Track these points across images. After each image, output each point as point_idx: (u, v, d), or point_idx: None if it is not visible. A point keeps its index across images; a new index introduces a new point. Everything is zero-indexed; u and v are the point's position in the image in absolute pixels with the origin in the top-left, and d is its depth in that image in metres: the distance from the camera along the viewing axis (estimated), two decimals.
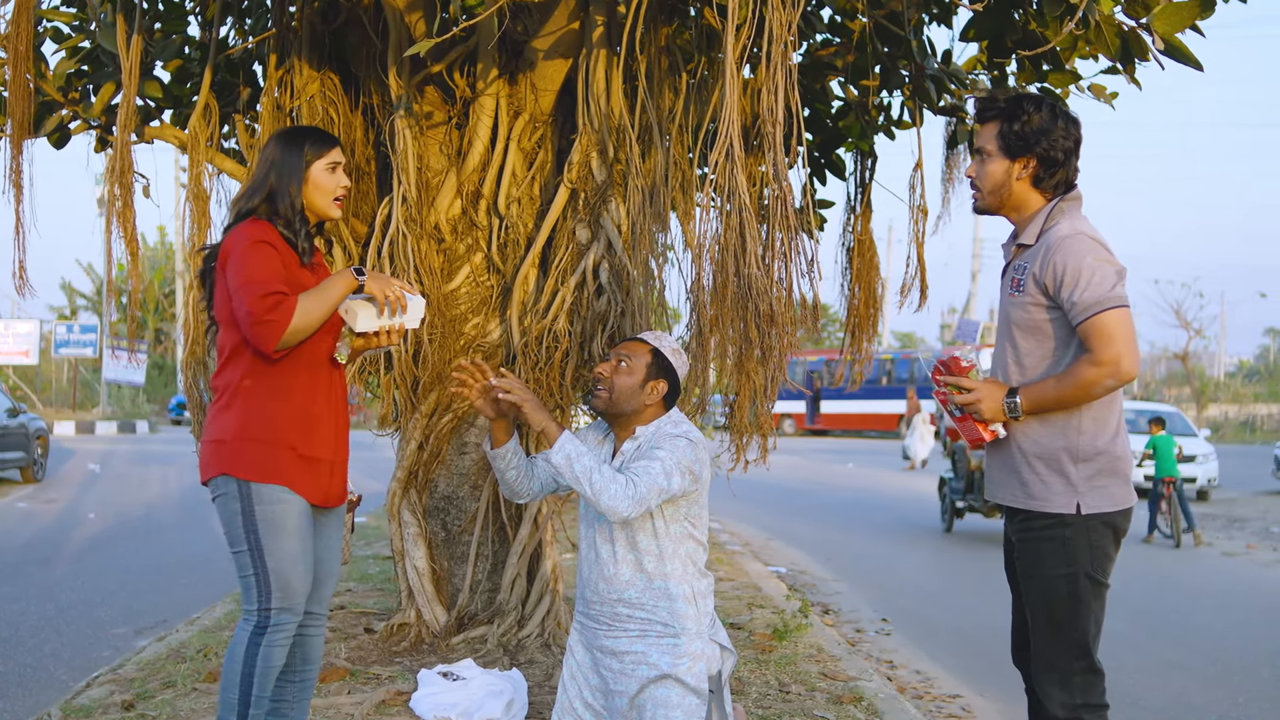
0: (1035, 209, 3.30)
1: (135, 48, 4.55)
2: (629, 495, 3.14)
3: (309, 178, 3.45)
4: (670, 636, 3.35)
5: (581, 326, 5.18)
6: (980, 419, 3.26)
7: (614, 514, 3.16)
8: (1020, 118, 3.24)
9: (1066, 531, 3.16)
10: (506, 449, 3.48)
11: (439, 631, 5.34)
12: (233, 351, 3.38)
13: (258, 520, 3.31)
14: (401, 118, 5.18)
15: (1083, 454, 3.16)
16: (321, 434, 3.44)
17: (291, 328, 3.23)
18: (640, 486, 3.16)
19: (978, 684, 6.14)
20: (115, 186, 4.49)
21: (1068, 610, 3.16)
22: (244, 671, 3.29)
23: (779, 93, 3.74)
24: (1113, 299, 3.07)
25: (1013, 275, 3.30)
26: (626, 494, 3.14)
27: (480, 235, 5.46)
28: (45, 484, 17.07)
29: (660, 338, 3.53)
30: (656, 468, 3.21)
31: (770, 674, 5.34)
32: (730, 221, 3.81)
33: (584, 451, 3.19)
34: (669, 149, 5.35)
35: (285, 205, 3.41)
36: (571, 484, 3.21)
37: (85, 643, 6.67)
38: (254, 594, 3.35)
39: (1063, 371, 3.15)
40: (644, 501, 3.17)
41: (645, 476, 3.18)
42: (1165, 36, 4.27)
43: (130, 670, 5.28)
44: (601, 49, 5.11)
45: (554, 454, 3.19)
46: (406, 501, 5.49)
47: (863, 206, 6.85)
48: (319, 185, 3.47)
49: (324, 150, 3.48)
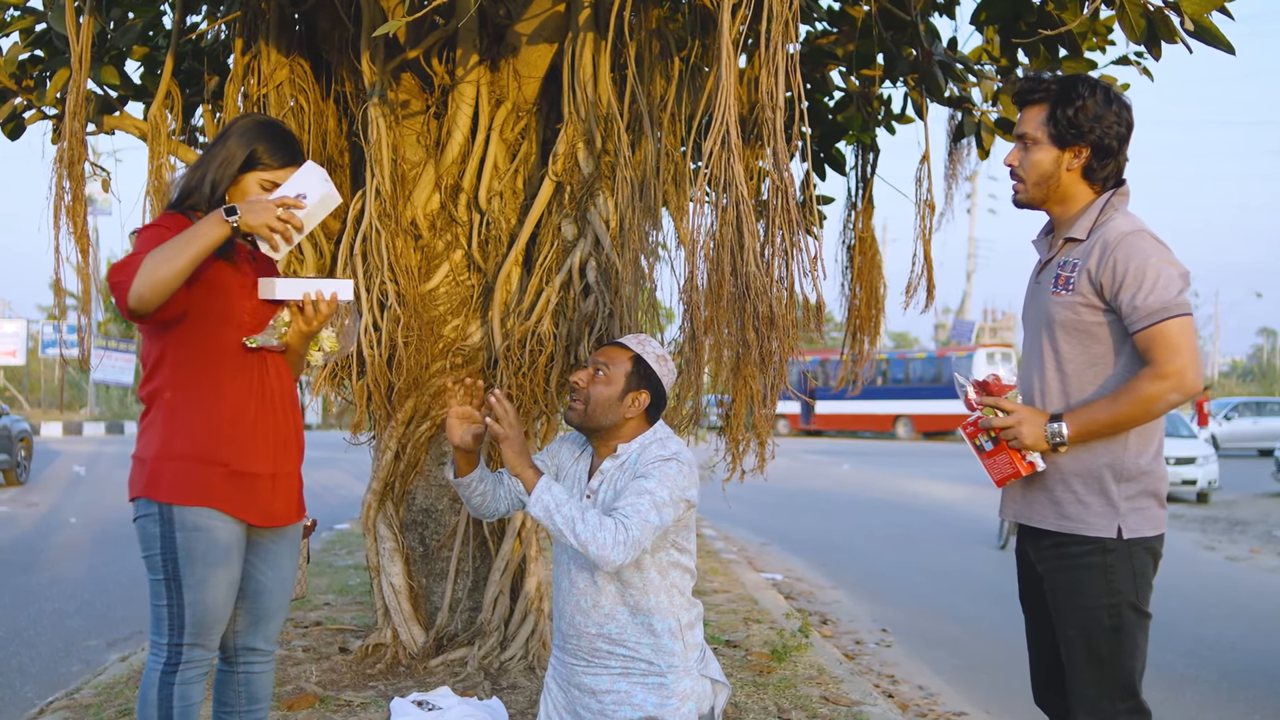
0: (1084, 203, 3.00)
1: (86, 29, 4.23)
2: (620, 542, 2.85)
3: (241, 180, 3.09)
4: (656, 675, 3.04)
5: (567, 329, 4.86)
6: (1017, 447, 2.95)
7: (606, 564, 2.87)
8: (1074, 102, 2.93)
9: (1107, 558, 2.86)
10: (471, 477, 3.20)
11: (416, 653, 5.03)
12: (155, 361, 3.05)
13: (178, 547, 2.97)
14: (375, 106, 4.86)
15: (1127, 472, 2.87)
16: (259, 445, 3.08)
17: (143, 279, 2.78)
18: (632, 529, 2.86)
19: (982, 700, 5.88)
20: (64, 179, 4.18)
21: (1111, 645, 2.86)
22: (161, 716, 2.96)
23: (779, 75, 3.44)
24: (1178, 306, 2.78)
25: (1057, 272, 2.98)
26: (617, 540, 2.84)
27: (460, 231, 5.13)
28: (29, 487, 16.88)
29: (644, 343, 3.21)
30: (645, 504, 2.90)
31: (769, 698, 5.03)
32: (727, 216, 3.50)
33: (563, 500, 2.89)
34: (660, 139, 5.04)
35: (201, 193, 3.06)
36: (554, 535, 2.92)
37: (55, 657, 6.39)
38: (164, 626, 3.01)
39: (1117, 390, 2.85)
40: (637, 545, 2.87)
41: (635, 517, 2.88)
42: (1195, 17, 3.98)
43: (87, 695, 4.97)
44: (588, 33, 4.80)
45: (531, 506, 2.91)
46: (382, 514, 5.18)
47: (864, 202, 6.58)
48: (246, 195, 3.09)
49: (274, 165, 3.09)
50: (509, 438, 2.96)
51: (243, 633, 3.23)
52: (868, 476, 21.97)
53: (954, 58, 5.67)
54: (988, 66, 5.94)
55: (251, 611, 3.22)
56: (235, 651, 3.24)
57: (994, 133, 6.03)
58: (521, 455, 2.97)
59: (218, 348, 3.04)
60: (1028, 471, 2.97)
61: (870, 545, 12.29)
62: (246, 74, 5.14)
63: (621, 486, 3.05)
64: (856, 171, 6.64)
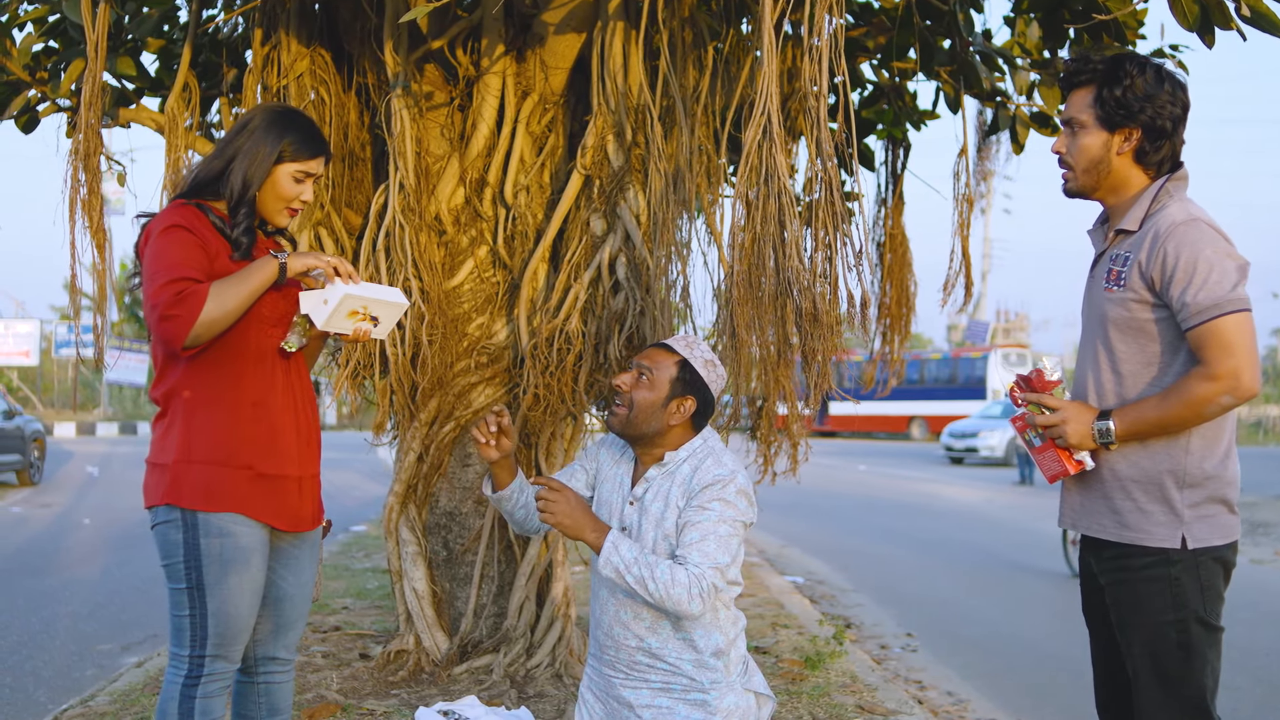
0: (1137, 189, 2.82)
1: (102, 19, 4.10)
2: (697, 594, 2.74)
3: (273, 174, 2.98)
4: (699, 692, 2.90)
5: (596, 327, 4.72)
6: (1064, 445, 2.80)
7: (685, 615, 2.77)
8: (1122, 81, 2.75)
9: (1172, 570, 2.68)
10: (511, 489, 3.06)
11: (440, 660, 4.89)
12: (168, 357, 2.92)
13: (203, 555, 2.84)
14: (399, 98, 4.72)
15: (1190, 478, 2.69)
16: (285, 446, 2.96)
17: (202, 320, 2.74)
18: (705, 577, 2.75)
19: (1013, 707, 5.72)
20: (79, 171, 4.05)
21: (1179, 662, 2.69)
22: None
23: (822, 60, 3.30)
24: (1233, 301, 2.59)
25: (1109, 266, 2.80)
26: (693, 594, 2.73)
27: (485, 227, 5.00)
28: (42, 487, 16.83)
29: (692, 345, 3.04)
30: (712, 547, 2.78)
31: (803, 707, 4.88)
32: (768, 209, 3.36)
33: (633, 559, 2.75)
34: (694, 131, 4.89)
35: (231, 189, 2.95)
36: (625, 592, 2.83)
37: (69, 661, 6.26)
38: (186, 637, 2.88)
39: (1168, 388, 2.67)
40: (714, 591, 2.77)
41: (705, 563, 2.77)
42: (1252, 3, 3.84)
43: (102, 702, 4.84)
44: (619, 21, 4.66)
45: (601, 568, 2.78)
46: (405, 517, 5.04)
47: (895, 199, 6.44)
48: (278, 189, 3.00)
49: (304, 155, 3.00)
50: (563, 524, 2.81)
51: (263, 642, 3.10)
52: (884, 478, 21.82)
53: (991, 49, 5.52)
54: (1020, 60, 5.80)
55: (273, 619, 3.09)
56: (255, 661, 3.12)
57: (1028, 126, 5.88)
58: (579, 527, 2.82)
59: (237, 345, 2.91)
60: (1076, 470, 2.82)
61: (890, 548, 12.15)
62: (266, 65, 5.01)
63: (674, 498, 2.90)
64: (887, 167, 6.50)
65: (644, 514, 2.94)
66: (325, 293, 2.94)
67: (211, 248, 2.88)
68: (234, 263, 2.92)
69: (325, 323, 2.94)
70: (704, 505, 2.82)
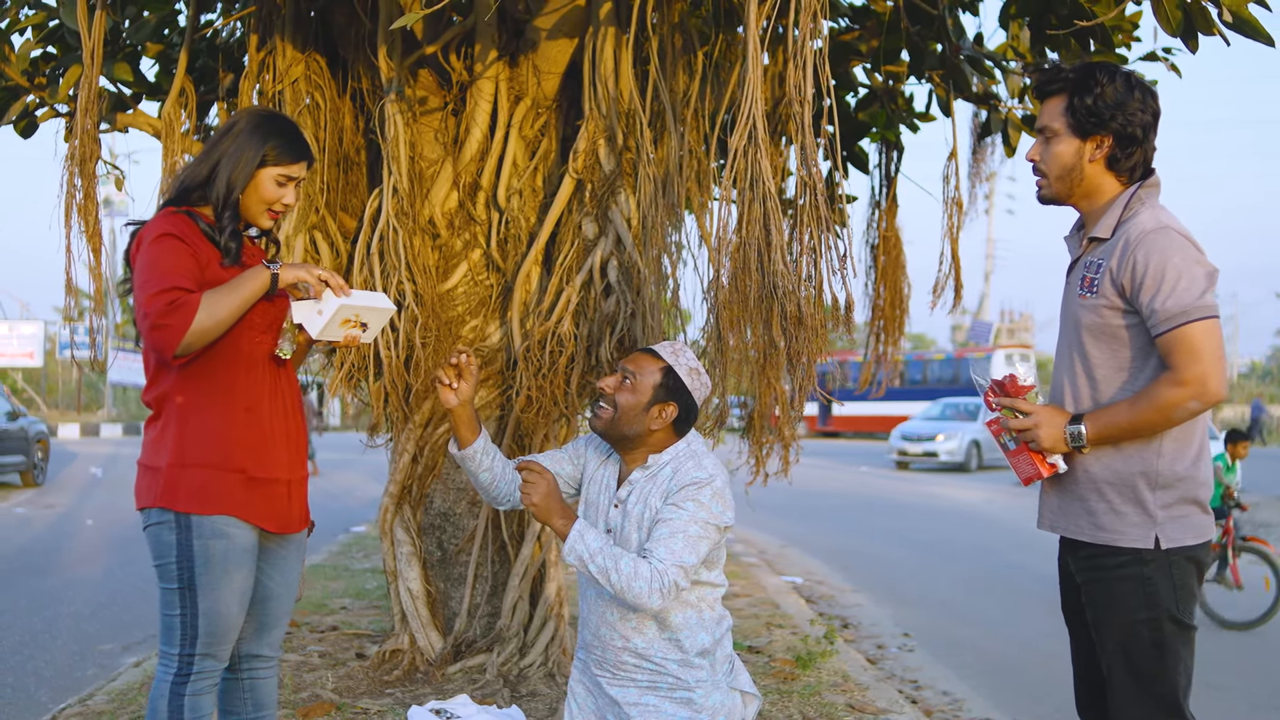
0: (1110, 196, 2.87)
1: (99, 25, 4.15)
2: (657, 589, 2.77)
3: (256, 177, 3.02)
4: (684, 690, 2.94)
5: (588, 329, 4.76)
6: (1038, 449, 2.84)
7: (643, 609, 2.82)
8: (1093, 90, 2.80)
9: (1145, 569, 2.73)
10: (475, 449, 3.06)
11: (434, 659, 4.94)
12: (159, 361, 2.97)
13: (195, 556, 2.90)
14: (393, 103, 4.77)
15: (1162, 480, 2.74)
16: (275, 450, 3.01)
17: (194, 329, 2.79)
18: (668, 574, 2.78)
19: (1010, 708, 5.75)
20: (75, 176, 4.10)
21: (1152, 660, 2.73)
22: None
23: (807, 68, 3.34)
24: (1201, 308, 2.63)
25: (1083, 273, 2.85)
26: (653, 588, 2.77)
27: (478, 230, 5.04)
28: (45, 488, 16.86)
29: (678, 352, 3.07)
30: (679, 544, 2.82)
31: (793, 706, 4.93)
32: (753, 213, 3.40)
33: (598, 549, 2.79)
34: (684, 135, 4.93)
35: (216, 193, 2.99)
36: (589, 582, 2.87)
37: (70, 661, 6.31)
38: (176, 636, 2.94)
39: (1138, 393, 2.72)
40: (674, 589, 2.80)
41: (670, 559, 2.80)
42: (1233, 9, 3.88)
43: (100, 701, 4.89)
44: (610, 27, 4.70)
45: (566, 554, 2.82)
46: (400, 518, 5.09)
47: (888, 201, 6.48)
48: (260, 192, 3.03)
49: (287, 159, 3.04)
50: (536, 505, 2.86)
51: (248, 640, 3.17)
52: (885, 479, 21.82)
53: (981, 53, 5.55)
54: (1013, 63, 5.83)
55: (258, 618, 3.16)
56: (240, 659, 3.18)
57: (1020, 129, 5.92)
58: (549, 511, 2.86)
59: (229, 351, 2.96)
60: (1049, 473, 2.87)
61: (890, 548, 12.17)
62: (261, 70, 5.06)
63: (652, 500, 2.94)
64: (880, 169, 6.54)
65: (626, 516, 2.98)
66: (319, 304, 2.98)
67: (202, 255, 2.93)
68: (224, 269, 2.97)
69: (320, 332, 2.99)
70: (678, 504, 2.87)
